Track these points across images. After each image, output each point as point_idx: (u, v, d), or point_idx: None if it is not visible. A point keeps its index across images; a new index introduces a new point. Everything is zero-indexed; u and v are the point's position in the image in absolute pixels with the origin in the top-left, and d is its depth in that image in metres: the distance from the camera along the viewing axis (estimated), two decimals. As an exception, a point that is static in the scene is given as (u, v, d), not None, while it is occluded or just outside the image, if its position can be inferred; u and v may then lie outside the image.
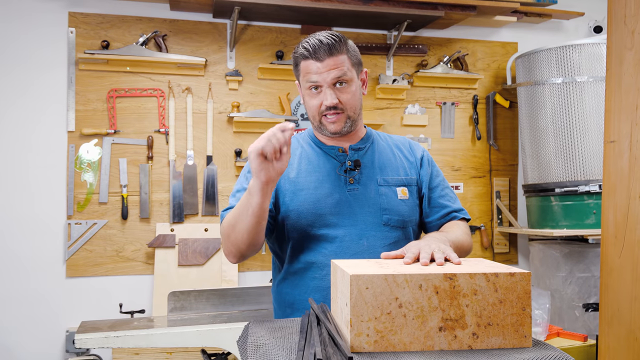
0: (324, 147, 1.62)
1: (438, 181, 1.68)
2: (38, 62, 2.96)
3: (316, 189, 1.55)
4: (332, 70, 1.49)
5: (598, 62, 3.02)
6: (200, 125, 3.15)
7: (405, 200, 1.59)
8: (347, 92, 1.52)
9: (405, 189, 1.60)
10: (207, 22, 3.17)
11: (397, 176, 1.61)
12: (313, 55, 1.49)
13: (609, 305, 1.76)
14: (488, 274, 1.10)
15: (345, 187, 1.56)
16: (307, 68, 1.51)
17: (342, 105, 1.53)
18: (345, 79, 1.51)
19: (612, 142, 1.79)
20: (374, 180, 1.58)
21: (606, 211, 1.76)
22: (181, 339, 2.33)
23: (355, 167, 1.58)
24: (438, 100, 3.49)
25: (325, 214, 1.53)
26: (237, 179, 1.64)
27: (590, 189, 2.99)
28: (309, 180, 1.56)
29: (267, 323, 1.28)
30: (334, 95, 1.50)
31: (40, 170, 2.96)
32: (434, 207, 1.65)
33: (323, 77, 1.50)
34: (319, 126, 1.57)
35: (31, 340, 2.92)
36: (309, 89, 1.53)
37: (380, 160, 1.62)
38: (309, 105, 1.56)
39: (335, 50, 1.50)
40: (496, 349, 1.09)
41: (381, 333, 1.06)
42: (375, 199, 1.56)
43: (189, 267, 3.05)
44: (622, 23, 1.78)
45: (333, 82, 1.50)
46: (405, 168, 1.64)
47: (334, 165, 1.59)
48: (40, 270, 2.94)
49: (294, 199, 1.55)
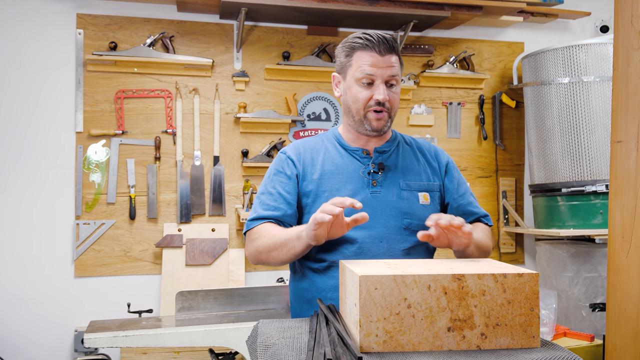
0: (349, 149, 1.62)
1: (465, 188, 1.69)
2: (46, 64, 2.99)
3: (339, 191, 1.56)
4: (389, 67, 1.51)
5: (605, 62, 3.01)
6: (207, 126, 3.17)
7: (426, 206, 1.59)
8: (395, 93, 1.55)
9: (427, 194, 1.61)
10: (214, 23, 3.18)
11: (419, 181, 1.62)
12: (375, 48, 1.50)
13: (616, 305, 1.76)
14: (496, 275, 1.11)
15: (368, 190, 1.57)
16: (364, 59, 1.51)
17: (388, 105, 1.54)
18: (396, 79, 1.54)
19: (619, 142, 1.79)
20: (397, 184, 1.58)
21: (613, 211, 1.76)
22: (189, 338, 2.35)
23: (379, 170, 1.58)
24: (444, 100, 3.49)
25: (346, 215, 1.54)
26: (262, 181, 1.66)
27: (597, 189, 2.98)
28: (332, 181, 1.58)
29: (276, 323, 1.29)
30: (386, 92, 1.52)
31: (49, 171, 2.98)
32: (463, 213, 1.66)
33: (381, 72, 1.50)
34: (361, 120, 1.56)
35: (40, 339, 2.94)
36: (360, 80, 1.53)
37: (404, 164, 1.63)
38: (355, 97, 1.55)
39: (394, 49, 1.53)
40: (504, 349, 1.10)
41: (390, 333, 1.07)
42: (397, 203, 1.56)
43: (196, 267, 3.07)
44: (629, 23, 1.78)
45: (387, 80, 1.52)
46: (428, 174, 1.64)
47: (357, 167, 1.60)
48: (48, 270, 2.97)
49: (317, 200, 1.57)
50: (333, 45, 3.29)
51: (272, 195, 1.58)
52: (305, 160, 1.63)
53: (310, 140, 1.68)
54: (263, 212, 1.57)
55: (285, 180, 1.60)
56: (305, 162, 1.62)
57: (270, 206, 1.57)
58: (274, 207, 1.56)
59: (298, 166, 1.61)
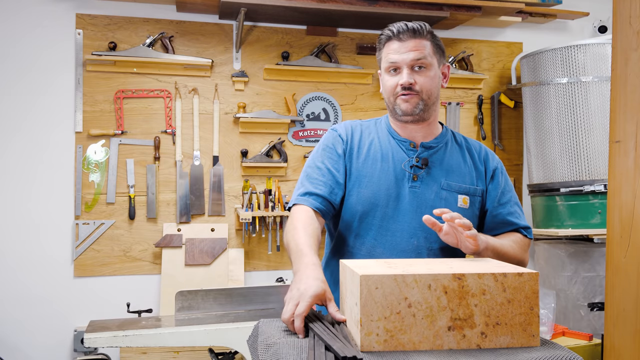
0: (397, 138, 1.61)
1: (509, 197, 1.63)
2: (46, 64, 2.99)
3: (379, 179, 1.55)
4: (412, 51, 1.51)
5: (603, 62, 3.02)
6: (207, 126, 3.17)
7: (464, 209, 1.56)
8: (425, 76, 1.52)
9: (467, 197, 1.58)
10: (213, 24, 3.19)
11: (462, 183, 1.58)
12: (396, 36, 1.52)
13: (615, 304, 1.76)
14: (496, 274, 1.11)
15: (407, 183, 1.55)
16: (389, 48, 1.54)
17: (417, 87, 1.52)
18: (424, 62, 1.52)
19: (617, 142, 1.80)
20: (438, 183, 1.56)
21: (612, 211, 1.76)
22: (189, 338, 2.35)
23: (423, 165, 1.56)
24: (443, 100, 3.50)
25: (381, 205, 1.54)
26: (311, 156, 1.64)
27: (595, 188, 2.99)
28: (374, 168, 1.57)
29: (277, 322, 1.30)
30: (411, 76, 1.51)
31: (48, 171, 2.98)
32: (502, 223, 1.61)
33: (403, 58, 1.51)
34: (393, 108, 1.56)
35: (39, 339, 2.94)
36: (388, 69, 1.55)
37: (450, 163, 1.60)
38: (385, 86, 1.57)
39: (418, 33, 1.52)
40: (504, 348, 1.11)
41: (391, 332, 1.08)
42: (434, 202, 1.54)
43: (195, 266, 3.07)
44: (628, 24, 1.79)
45: (412, 65, 1.51)
46: (473, 177, 1.61)
47: (401, 158, 1.58)
48: (48, 269, 2.97)
49: (357, 183, 1.57)
50: (332, 46, 3.29)
51: (320, 170, 1.57)
52: (354, 140, 1.62)
53: (363, 123, 1.68)
54: (311, 187, 1.55)
55: (335, 157, 1.59)
56: (352, 142, 1.61)
57: (319, 181, 1.55)
58: (323, 182, 1.55)
59: (347, 146, 1.61)
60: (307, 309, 1.18)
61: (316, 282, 1.23)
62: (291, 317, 1.18)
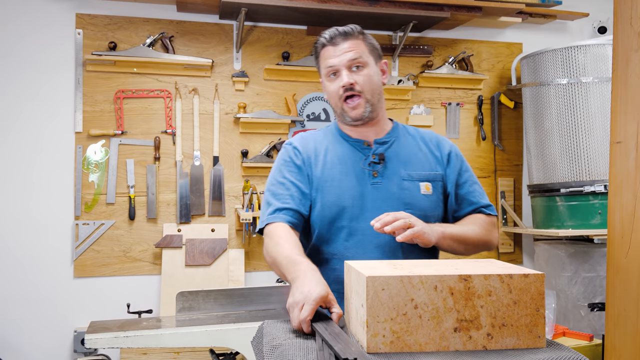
0: (350, 140, 1.64)
1: (467, 177, 1.68)
2: (45, 64, 2.98)
3: (340, 182, 1.57)
4: (347, 52, 1.55)
5: (603, 62, 3.03)
6: (207, 126, 3.16)
7: (428, 196, 1.60)
8: (364, 74, 1.56)
9: (429, 184, 1.61)
10: (214, 24, 3.18)
11: (421, 171, 1.62)
12: (330, 41, 1.57)
13: (616, 305, 1.76)
14: (502, 275, 1.11)
15: (368, 181, 1.57)
16: (325, 54, 1.58)
17: (359, 87, 1.55)
18: (360, 61, 1.56)
19: (618, 142, 1.80)
20: (398, 175, 1.59)
21: (612, 211, 1.76)
22: (190, 339, 2.35)
23: (380, 160, 1.59)
24: (443, 100, 3.50)
25: (347, 206, 1.55)
26: (270, 174, 1.65)
27: (595, 189, 3.00)
28: (334, 172, 1.58)
29: (281, 324, 1.29)
30: (350, 75, 1.55)
31: (48, 171, 2.97)
32: (462, 203, 1.66)
33: (339, 60, 1.55)
34: (342, 113, 1.60)
35: (39, 340, 2.93)
36: (328, 75, 1.58)
37: (406, 154, 1.63)
38: (329, 93, 1.60)
39: (351, 35, 1.57)
40: (510, 349, 1.11)
41: (397, 334, 1.08)
42: (398, 193, 1.57)
43: (196, 267, 3.06)
44: (629, 24, 1.79)
45: (349, 65, 1.55)
46: (430, 163, 1.64)
47: (358, 158, 1.60)
48: (48, 270, 2.96)
49: (319, 191, 1.58)
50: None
51: (283, 185, 1.58)
52: (309, 151, 1.64)
53: (313, 133, 1.71)
54: (278, 203, 1.55)
55: (295, 170, 1.61)
56: (309, 153, 1.63)
57: (284, 195, 1.56)
58: (289, 196, 1.56)
59: (304, 157, 1.63)
60: (312, 312, 1.18)
61: (319, 285, 1.23)
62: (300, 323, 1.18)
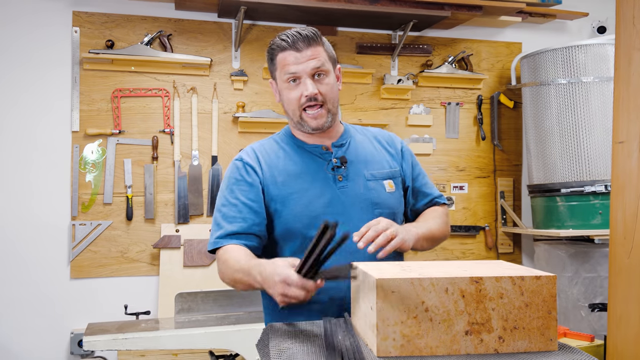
0: (307, 147, 1.58)
1: (418, 170, 1.71)
2: (42, 62, 2.94)
3: (307, 191, 1.52)
4: (311, 60, 1.49)
5: (604, 62, 3.02)
6: (205, 126, 3.13)
7: (392, 193, 1.60)
8: (326, 84, 1.52)
9: (391, 181, 1.61)
10: (212, 22, 3.15)
11: (382, 169, 1.61)
12: (292, 46, 1.49)
13: (618, 305, 1.75)
14: (514, 277, 1.09)
15: (335, 185, 1.54)
16: (285, 60, 1.50)
17: (322, 97, 1.51)
18: (323, 70, 1.51)
19: (620, 142, 1.78)
20: (362, 176, 1.57)
21: (615, 211, 1.75)
22: (189, 340, 2.32)
23: (342, 164, 1.56)
24: (443, 100, 3.49)
25: (318, 214, 1.50)
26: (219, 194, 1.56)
27: (596, 189, 2.99)
28: (298, 182, 1.53)
29: (287, 327, 1.27)
30: (314, 85, 1.50)
31: (44, 171, 2.94)
32: (419, 195, 1.69)
33: (303, 67, 1.49)
34: (299, 122, 1.54)
35: (36, 342, 2.89)
36: (287, 81, 1.51)
37: (364, 154, 1.61)
38: (288, 99, 1.53)
39: (314, 41, 1.51)
40: (522, 352, 1.09)
41: (407, 337, 1.06)
42: (366, 194, 1.55)
43: (194, 268, 3.03)
44: (631, 24, 1.78)
45: (312, 73, 1.50)
46: (388, 161, 1.64)
47: (320, 164, 1.56)
48: (44, 271, 2.92)
49: (286, 203, 1.51)
50: (332, 45, 3.26)
51: (235, 206, 1.49)
52: (264, 163, 1.56)
53: (264, 143, 1.63)
54: (228, 225, 1.48)
55: (247, 188, 1.52)
56: (265, 166, 1.56)
57: (236, 218, 1.48)
58: (241, 219, 1.48)
59: (259, 172, 1.54)
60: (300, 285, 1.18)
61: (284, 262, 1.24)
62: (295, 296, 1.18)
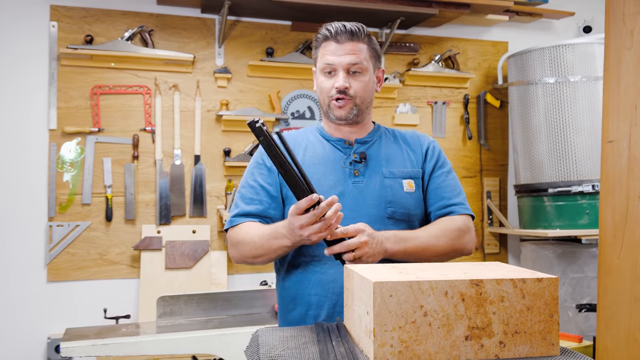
0: (331, 140, 1.59)
1: (442, 171, 1.61)
2: (18, 57, 2.84)
3: (320, 181, 1.52)
4: (348, 54, 1.51)
5: (591, 61, 3.01)
6: (188, 124, 3.06)
7: (411, 193, 1.55)
8: (360, 81, 1.52)
9: (411, 181, 1.57)
10: (195, 18, 3.08)
11: (403, 168, 1.58)
12: (333, 37, 1.52)
13: (607, 306, 1.73)
14: (515, 280, 1.05)
15: (349, 180, 1.53)
16: (325, 49, 1.53)
17: (352, 92, 1.52)
18: (360, 67, 1.52)
19: (610, 142, 1.76)
20: (380, 173, 1.55)
21: (604, 211, 1.73)
22: (171, 345, 2.25)
23: (361, 159, 1.55)
24: (429, 99, 3.45)
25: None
26: (243, 175, 1.61)
27: (583, 189, 2.97)
28: (312, 171, 1.53)
29: (277, 332, 1.21)
30: (347, 79, 1.51)
31: (20, 170, 2.83)
32: (432, 197, 1.59)
33: (339, 60, 1.50)
34: (327, 110, 1.56)
35: (11, 347, 2.79)
36: (324, 70, 1.53)
37: (387, 152, 1.59)
38: (320, 88, 1.56)
39: (356, 37, 1.52)
40: (523, 357, 1.04)
41: (406, 343, 1.00)
42: (380, 192, 1.53)
43: (176, 270, 2.95)
44: (621, 22, 1.76)
45: (347, 68, 1.51)
46: (412, 160, 1.61)
47: (339, 157, 1.56)
48: (19, 274, 2.82)
49: None
50: (317, 42, 3.22)
51: (253, 189, 1.55)
52: None
53: (292, 133, 1.66)
54: (245, 206, 1.53)
55: (266, 172, 1.56)
56: None
57: (253, 200, 1.53)
58: (257, 201, 1.53)
59: None
60: None
61: None
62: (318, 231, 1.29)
